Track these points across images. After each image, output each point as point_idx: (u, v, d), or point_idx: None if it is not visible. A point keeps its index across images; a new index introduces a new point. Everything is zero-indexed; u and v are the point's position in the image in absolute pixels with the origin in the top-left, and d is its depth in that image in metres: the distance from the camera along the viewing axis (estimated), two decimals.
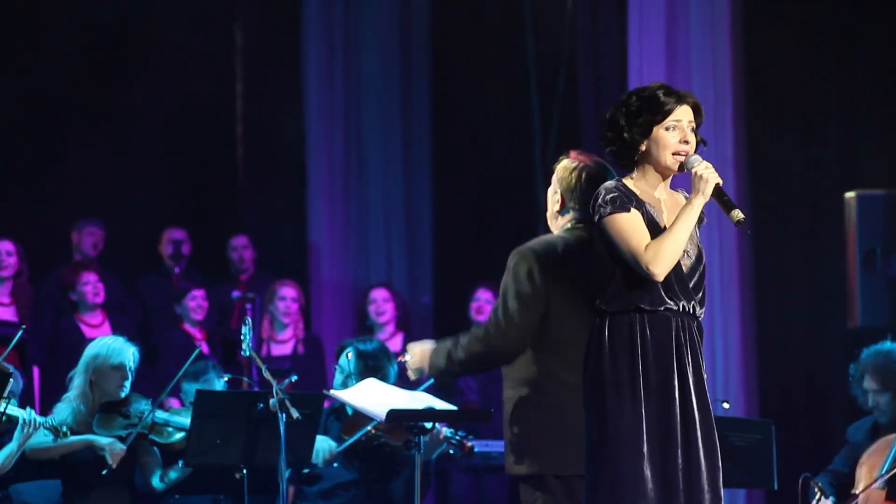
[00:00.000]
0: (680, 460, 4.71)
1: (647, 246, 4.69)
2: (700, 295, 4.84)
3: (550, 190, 5.70)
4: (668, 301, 4.76)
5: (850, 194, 9.11)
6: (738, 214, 4.73)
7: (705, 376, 4.87)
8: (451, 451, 7.50)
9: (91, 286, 9.68)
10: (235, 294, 10.51)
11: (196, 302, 10.04)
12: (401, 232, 11.59)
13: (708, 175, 4.73)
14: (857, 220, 8.99)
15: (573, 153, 5.65)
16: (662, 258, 4.67)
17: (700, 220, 4.89)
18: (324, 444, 7.42)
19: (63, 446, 6.97)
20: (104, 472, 6.94)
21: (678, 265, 4.76)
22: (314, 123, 11.65)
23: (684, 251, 4.78)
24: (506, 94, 11.52)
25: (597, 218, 4.79)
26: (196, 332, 9.98)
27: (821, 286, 9.70)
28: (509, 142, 11.52)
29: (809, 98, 9.93)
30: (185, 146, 11.71)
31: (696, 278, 4.83)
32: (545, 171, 10.73)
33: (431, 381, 7.27)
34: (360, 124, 11.64)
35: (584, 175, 5.59)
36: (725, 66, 9.71)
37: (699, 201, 4.73)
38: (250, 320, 7.02)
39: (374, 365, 7.41)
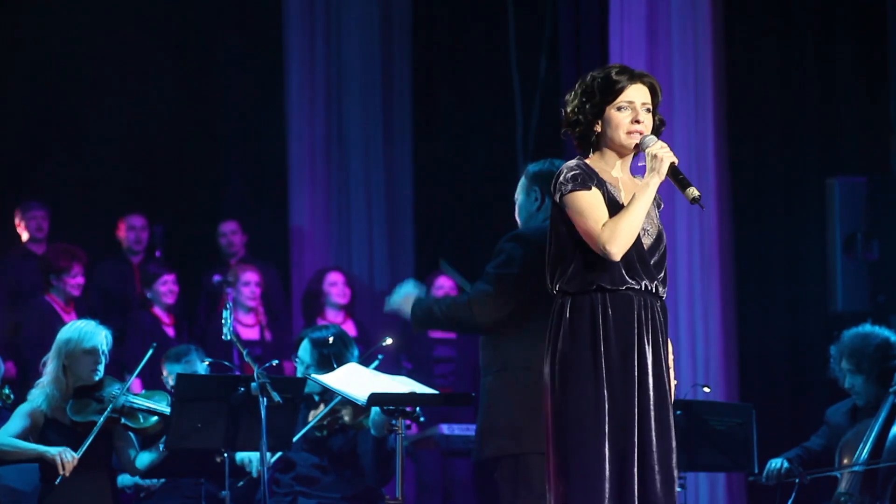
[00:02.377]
0: (636, 439, 4.71)
1: (603, 225, 4.69)
2: (662, 274, 4.84)
3: (523, 194, 5.83)
4: (630, 280, 4.77)
5: (831, 180, 9.14)
6: (693, 192, 4.72)
7: (671, 356, 4.88)
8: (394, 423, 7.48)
9: (76, 280, 9.67)
10: (216, 279, 10.51)
11: (167, 286, 10.04)
12: (382, 218, 11.58)
13: (663, 154, 4.73)
14: (839, 205, 9.02)
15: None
16: (618, 237, 4.67)
17: (658, 205, 4.91)
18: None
19: (15, 453, 6.94)
20: (56, 482, 6.91)
21: (639, 244, 4.78)
22: (295, 110, 11.62)
23: (644, 230, 4.79)
24: (488, 80, 11.52)
25: (558, 196, 4.79)
26: (164, 316, 9.97)
27: (802, 271, 9.72)
28: (491, 128, 11.51)
29: (790, 83, 9.93)
30: (167, 133, 11.68)
31: (657, 257, 4.83)
32: (527, 156, 10.77)
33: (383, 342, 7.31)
34: (340, 110, 11.62)
35: (555, 163, 5.81)
36: (706, 51, 9.71)
37: (655, 181, 4.74)
38: (231, 304, 7.02)
39: (331, 352, 7.38)
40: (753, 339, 9.80)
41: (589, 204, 4.72)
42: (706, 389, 7.82)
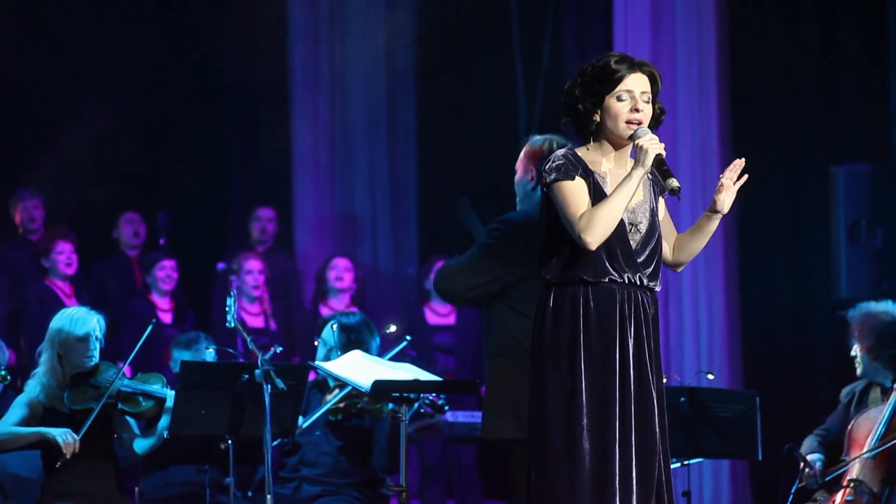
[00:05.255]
0: (617, 433, 4.68)
1: (581, 214, 4.66)
2: (650, 269, 4.79)
3: (521, 169, 5.81)
4: (612, 272, 4.73)
5: (835, 168, 9.14)
6: (672, 183, 4.70)
7: (657, 346, 4.84)
8: (423, 410, 7.56)
9: (65, 256, 9.67)
10: (220, 266, 10.51)
11: (165, 272, 10.03)
12: (386, 203, 11.58)
13: (649, 146, 4.69)
14: (842, 193, 9.03)
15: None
16: (594, 227, 4.63)
17: (663, 190, 4.86)
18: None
19: (17, 439, 6.95)
20: (57, 465, 6.93)
21: (625, 239, 4.74)
22: (299, 93, 11.62)
23: (633, 225, 4.77)
24: (491, 68, 11.51)
25: (545, 186, 4.77)
26: (162, 303, 9.95)
27: (806, 258, 9.73)
28: (494, 115, 11.51)
29: (794, 71, 9.93)
30: (172, 122, 11.68)
31: (646, 253, 4.79)
32: None
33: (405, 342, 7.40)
34: (345, 98, 11.61)
35: (555, 144, 5.72)
36: (710, 40, 9.71)
37: (638, 172, 4.69)
38: (235, 291, 7.01)
39: (357, 338, 7.43)
40: (757, 326, 9.80)
41: (570, 193, 4.69)
42: (710, 376, 7.82)
